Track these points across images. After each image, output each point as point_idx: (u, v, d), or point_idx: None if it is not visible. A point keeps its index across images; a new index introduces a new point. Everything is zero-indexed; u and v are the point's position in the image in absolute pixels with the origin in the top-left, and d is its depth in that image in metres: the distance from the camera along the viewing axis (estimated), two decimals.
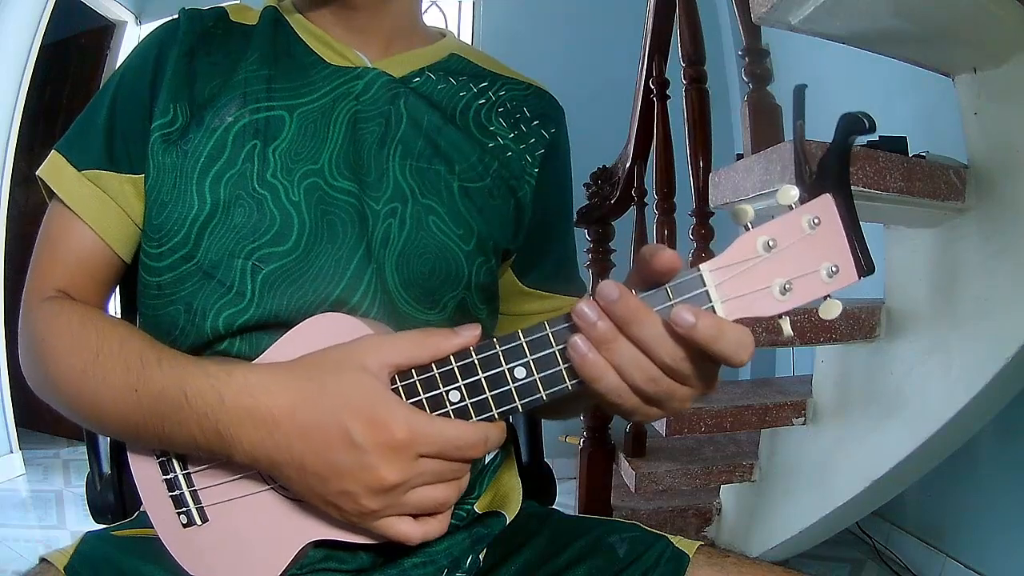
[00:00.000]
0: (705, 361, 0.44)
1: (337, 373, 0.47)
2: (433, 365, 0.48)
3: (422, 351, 0.48)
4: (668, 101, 1.70)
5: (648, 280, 0.45)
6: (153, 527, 0.55)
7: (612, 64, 2.62)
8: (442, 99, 0.66)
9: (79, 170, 0.60)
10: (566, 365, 0.46)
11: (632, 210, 1.88)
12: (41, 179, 0.62)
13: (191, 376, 0.49)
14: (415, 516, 0.49)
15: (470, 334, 0.49)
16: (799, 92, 0.46)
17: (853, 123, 0.43)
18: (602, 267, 1.91)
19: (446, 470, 0.48)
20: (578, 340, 0.44)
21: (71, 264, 0.61)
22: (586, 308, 0.44)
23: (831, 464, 1.39)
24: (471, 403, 0.48)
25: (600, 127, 2.05)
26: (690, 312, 0.42)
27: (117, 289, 0.68)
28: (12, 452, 2.77)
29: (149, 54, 0.62)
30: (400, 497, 0.47)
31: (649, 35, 1.75)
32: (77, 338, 0.54)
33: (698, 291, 0.44)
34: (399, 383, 0.49)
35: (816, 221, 0.43)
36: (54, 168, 0.62)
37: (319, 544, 0.53)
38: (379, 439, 0.46)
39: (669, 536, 0.64)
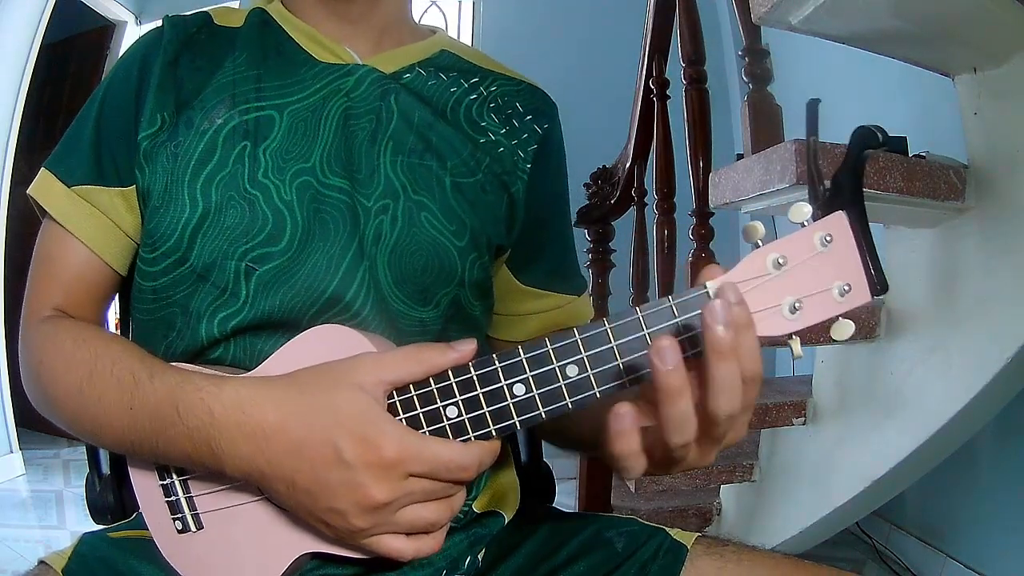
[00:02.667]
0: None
1: (330, 390, 0.47)
2: (431, 380, 0.48)
3: (417, 367, 0.48)
4: (668, 101, 1.70)
5: None
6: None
7: (612, 64, 2.62)
8: (433, 95, 0.66)
9: (69, 186, 0.60)
10: (566, 382, 0.45)
11: (632, 210, 1.88)
12: (32, 197, 0.62)
13: (182, 391, 0.49)
14: (408, 533, 0.48)
15: (466, 348, 0.48)
16: (813, 107, 0.44)
17: (866, 137, 0.41)
18: (602, 267, 1.91)
19: (437, 489, 0.47)
20: (668, 348, 0.39)
21: (67, 281, 0.60)
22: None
23: (831, 464, 1.38)
24: (468, 419, 0.47)
25: (600, 127, 2.05)
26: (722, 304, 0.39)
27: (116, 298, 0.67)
28: (12, 452, 2.77)
29: (133, 65, 0.62)
30: (390, 516, 0.47)
31: (649, 35, 1.75)
32: (72, 358, 0.54)
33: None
34: (396, 398, 0.48)
35: (828, 239, 0.42)
36: (44, 186, 0.61)
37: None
38: (368, 457, 0.45)
39: (667, 529, 0.64)
